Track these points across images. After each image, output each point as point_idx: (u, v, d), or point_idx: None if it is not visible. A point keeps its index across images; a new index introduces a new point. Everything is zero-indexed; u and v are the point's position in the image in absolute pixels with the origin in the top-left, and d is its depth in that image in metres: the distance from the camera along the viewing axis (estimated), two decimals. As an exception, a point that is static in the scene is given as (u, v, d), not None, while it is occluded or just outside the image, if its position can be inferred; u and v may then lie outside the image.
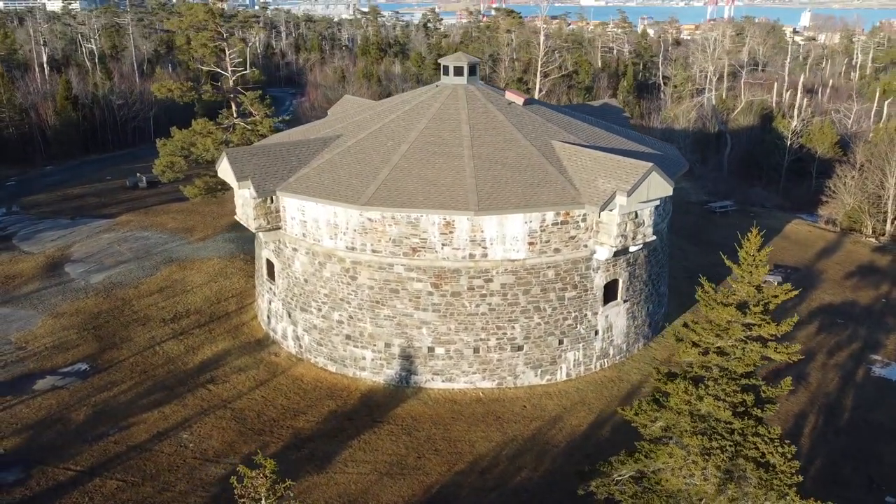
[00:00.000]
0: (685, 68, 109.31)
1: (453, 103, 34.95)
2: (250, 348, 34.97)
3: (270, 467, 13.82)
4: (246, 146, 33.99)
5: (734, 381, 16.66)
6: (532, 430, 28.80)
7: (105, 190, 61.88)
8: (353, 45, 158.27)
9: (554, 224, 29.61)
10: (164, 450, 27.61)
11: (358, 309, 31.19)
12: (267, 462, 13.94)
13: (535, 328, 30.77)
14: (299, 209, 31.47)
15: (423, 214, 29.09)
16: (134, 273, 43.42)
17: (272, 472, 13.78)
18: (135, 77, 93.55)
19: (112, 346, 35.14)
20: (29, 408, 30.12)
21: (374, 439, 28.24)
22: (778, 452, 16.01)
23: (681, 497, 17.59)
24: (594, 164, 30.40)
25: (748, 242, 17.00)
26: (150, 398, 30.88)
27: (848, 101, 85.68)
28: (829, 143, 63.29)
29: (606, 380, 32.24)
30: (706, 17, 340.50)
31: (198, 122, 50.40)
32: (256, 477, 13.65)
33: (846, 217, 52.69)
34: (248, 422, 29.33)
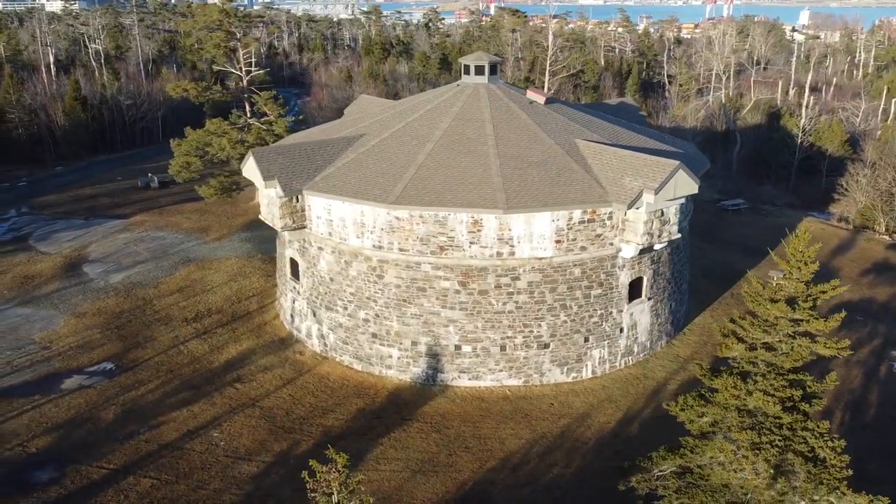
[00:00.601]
0: (689, 67, 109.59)
1: (475, 102, 35.10)
2: (274, 347, 35.09)
3: (342, 461, 13.95)
4: (272, 145, 34.07)
5: (782, 377, 16.83)
6: (561, 427, 28.97)
7: (117, 190, 61.94)
8: (355, 45, 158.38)
9: (581, 222, 29.78)
10: (195, 448, 27.74)
11: (384, 307, 31.32)
12: (339, 456, 14.07)
13: (562, 326, 30.93)
14: (325, 208, 31.59)
15: (451, 213, 29.24)
16: (153, 273, 43.50)
17: (344, 466, 13.91)
18: (141, 77, 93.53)
19: (136, 345, 35.24)
20: (58, 407, 30.22)
21: (405, 437, 28.39)
22: (828, 447, 16.19)
23: (727, 491, 17.75)
24: (620, 162, 30.56)
25: (796, 239, 17.15)
26: (178, 397, 31.00)
27: (853, 99, 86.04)
28: (838, 142, 63.56)
29: (631, 377, 32.42)
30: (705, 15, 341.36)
31: (212, 121, 50.49)
32: (329, 471, 13.79)
33: (859, 215, 52.94)
34: (278, 420, 29.45)
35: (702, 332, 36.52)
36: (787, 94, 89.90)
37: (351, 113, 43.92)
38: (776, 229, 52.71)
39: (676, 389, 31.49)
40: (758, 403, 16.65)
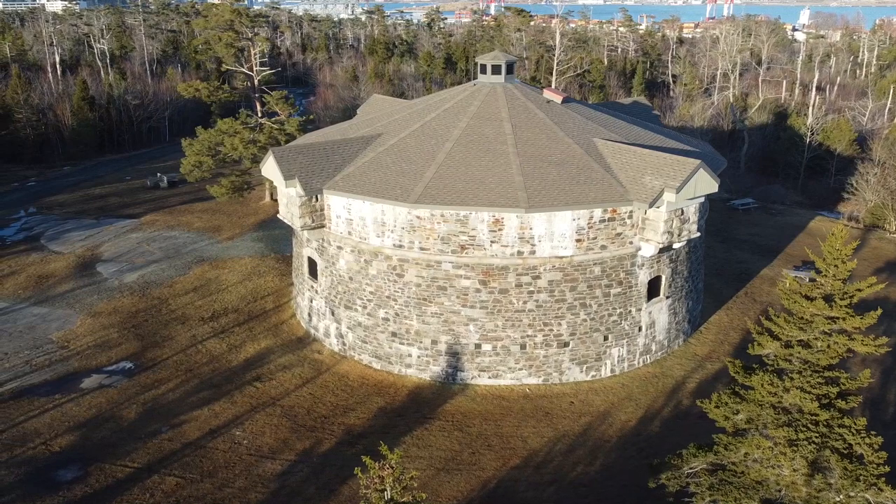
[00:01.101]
0: (693, 67, 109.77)
1: (493, 101, 35.17)
2: (292, 346, 35.14)
3: (396, 458, 14.01)
4: (291, 145, 34.11)
5: (818, 374, 16.91)
6: (582, 425, 29.04)
7: (126, 190, 62.00)
8: (358, 45, 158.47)
9: (601, 221, 29.86)
10: (218, 447, 27.78)
11: (404, 306, 31.39)
12: (394, 454, 14.13)
13: (582, 325, 31.01)
14: (345, 207, 31.65)
15: (473, 212, 29.31)
16: (166, 272, 43.55)
17: (397, 462, 13.97)
18: (147, 77, 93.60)
19: (154, 344, 35.29)
20: (79, 406, 30.27)
21: (427, 435, 28.45)
22: (865, 443, 16.28)
23: (760, 488, 17.83)
24: (640, 161, 30.65)
25: (833, 237, 17.23)
26: (199, 396, 31.05)
27: (858, 98, 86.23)
28: (846, 141, 63.69)
29: (650, 375, 32.50)
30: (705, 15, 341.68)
31: (224, 121, 50.53)
32: (383, 468, 13.86)
33: (869, 213, 53.06)
34: (299, 419, 29.51)
35: (718, 330, 36.62)
36: (792, 94, 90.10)
37: (365, 112, 43.98)
38: (787, 228, 52.98)
39: (695, 388, 31.61)
40: (794, 400, 16.74)
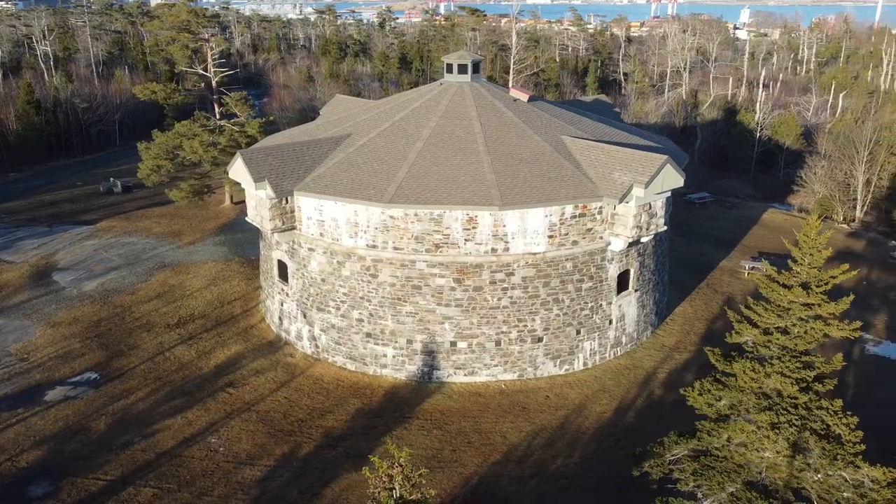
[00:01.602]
0: (643, 65, 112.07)
1: (461, 100, 35.35)
2: (264, 350, 34.71)
3: (405, 456, 14.01)
4: (260, 146, 33.65)
5: (796, 359, 17.55)
6: (559, 418, 29.45)
7: (79, 196, 60.18)
8: (310, 46, 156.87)
9: (572, 217, 30.31)
10: (194, 455, 27.29)
11: (379, 306, 31.32)
12: (403, 452, 14.12)
13: (555, 319, 31.43)
14: (317, 208, 31.41)
15: (447, 211, 29.43)
16: (127, 279, 42.49)
17: (406, 460, 13.96)
18: (94, 79, 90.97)
19: (119, 353, 34.42)
20: (45, 419, 29.35)
21: (407, 435, 28.46)
22: (842, 423, 16.96)
23: (742, 471, 18.41)
24: (608, 157, 31.21)
25: (807, 227, 17.88)
26: (170, 404, 30.42)
27: (801, 94, 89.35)
28: (794, 135, 65.92)
29: (622, 367, 33.13)
30: (650, 14, 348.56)
31: (182, 124, 49.54)
32: (391, 467, 13.82)
33: (818, 205, 55.01)
34: (276, 423, 29.19)
35: (683, 321, 37.54)
36: (738, 91, 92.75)
37: (328, 113, 43.68)
38: (742, 221, 54.58)
39: (666, 378, 32.37)
40: (775, 385, 17.34)
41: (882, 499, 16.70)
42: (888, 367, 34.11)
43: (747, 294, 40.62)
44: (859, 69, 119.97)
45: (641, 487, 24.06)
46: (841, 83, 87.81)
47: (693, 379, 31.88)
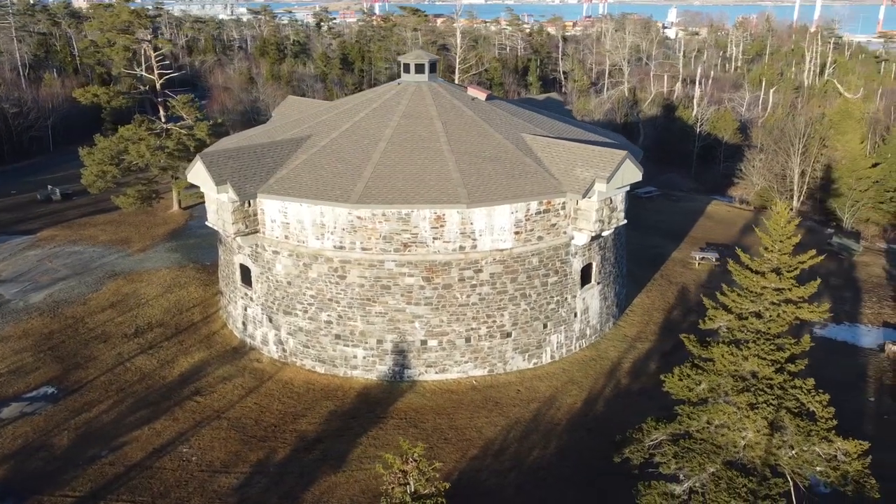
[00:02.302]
0: (581, 63, 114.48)
1: (420, 100, 35.51)
2: (228, 357, 34.10)
3: (419, 452, 14.09)
4: (218, 149, 33.00)
5: (769, 342, 18.44)
6: (532, 411, 29.97)
7: (14, 205, 57.60)
8: (246, 47, 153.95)
9: (537, 213, 30.88)
10: (165, 466, 26.67)
11: (348, 307, 31.22)
12: (416, 448, 14.19)
13: (522, 314, 31.95)
14: (281, 211, 31.08)
15: (414, 210, 29.56)
16: (77, 289, 41.01)
17: (420, 455, 14.05)
18: (21, 83, 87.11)
19: (76, 366, 33.26)
20: (1, 437, 28.16)
21: (382, 434, 28.47)
22: (815, 401, 17.92)
23: (722, 451, 19.23)
24: (569, 154, 31.91)
25: (777, 215, 18.78)
26: (136, 416, 29.61)
27: (731, 90, 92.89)
28: (731, 130, 68.54)
29: (587, 359, 33.92)
30: (582, 14, 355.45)
31: (127, 127, 48.08)
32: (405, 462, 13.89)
33: (757, 196, 57.38)
34: (248, 429, 28.77)
35: (642, 311, 38.66)
36: (674, 88, 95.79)
37: (282, 115, 43.16)
38: (688, 213, 56.46)
39: (630, 367, 33.32)
40: (752, 367, 18.19)
41: (853, 470, 17.72)
42: (833, 348, 35.93)
43: (700, 284, 42.23)
44: (782, 66, 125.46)
45: (617, 474, 24.85)
46: (770, 80, 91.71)
47: (656, 367, 33.15)
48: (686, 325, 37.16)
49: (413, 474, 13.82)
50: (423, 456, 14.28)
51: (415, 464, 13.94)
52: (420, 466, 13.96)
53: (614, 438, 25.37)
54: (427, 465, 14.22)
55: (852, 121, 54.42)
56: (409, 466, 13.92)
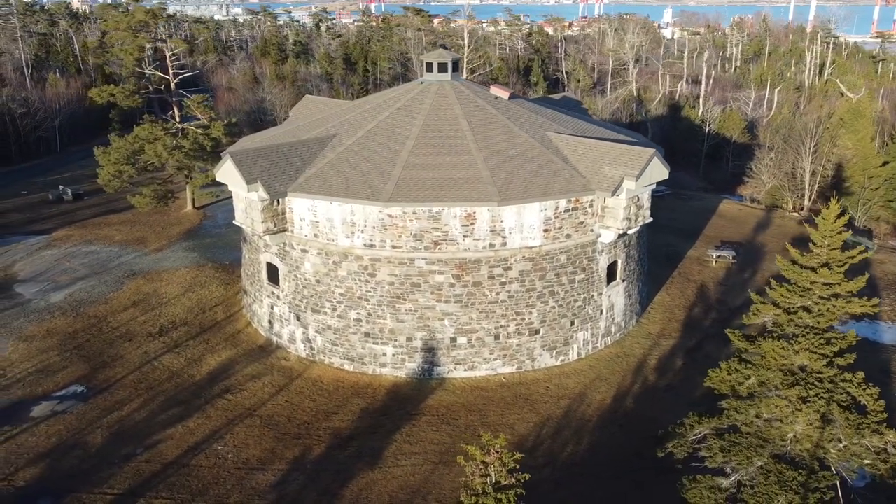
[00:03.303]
0: (583, 63, 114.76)
1: (444, 99, 35.64)
2: (255, 355, 34.17)
3: (501, 443, 14.22)
4: (247, 148, 33.00)
5: (818, 336, 18.66)
6: (562, 408, 30.14)
7: (26, 205, 57.50)
8: (246, 47, 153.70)
9: (566, 211, 31.06)
10: (201, 464, 26.73)
11: (377, 305, 31.32)
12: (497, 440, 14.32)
13: (551, 312, 32.12)
14: (310, 209, 31.16)
15: (445, 208, 29.69)
16: (97, 289, 40.99)
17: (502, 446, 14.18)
18: (26, 83, 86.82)
19: (103, 364, 33.27)
20: (35, 436, 28.17)
21: (416, 431, 28.60)
22: (866, 394, 18.15)
23: (769, 445, 19.43)
24: (596, 152, 32.10)
25: (827, 211, 18.99)
26: (168, 414, 29.66)
27: (732, 90, 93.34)
28: (739, 129, 68.90)
29: (613, 356, 34.12)
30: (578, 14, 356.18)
31: (143, 127, 48.04)
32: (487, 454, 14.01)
33: (768, 195, 57.71)
34: (282, 427, 28.84)
35: (664, 309, 38.88)
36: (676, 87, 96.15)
37: (301, 115, 43.22)
38: (700, 212, 56.73)
39: (657, 364, 33.52)
40: (803, 361, 18.40)
41: (903, 462, 17.94)
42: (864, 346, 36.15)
43: (718, 282, 42.51)
44: (781, 66, 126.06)
45: (650, 470, 25.12)
46: (774, 79, 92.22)
47: (682, 364, 33.41)
48: (708, 322, 37.46)
49: (495, 466, 13.99)
50: (504, 448, 14.42)
51: (497, 455, 14.10)
52: (503, 458, 14.11)
53: (646, 434, 25.77)
54: (509, 456, 14.37)
55: (863, 119, 54.83)
56: (492, 458, 14.07)
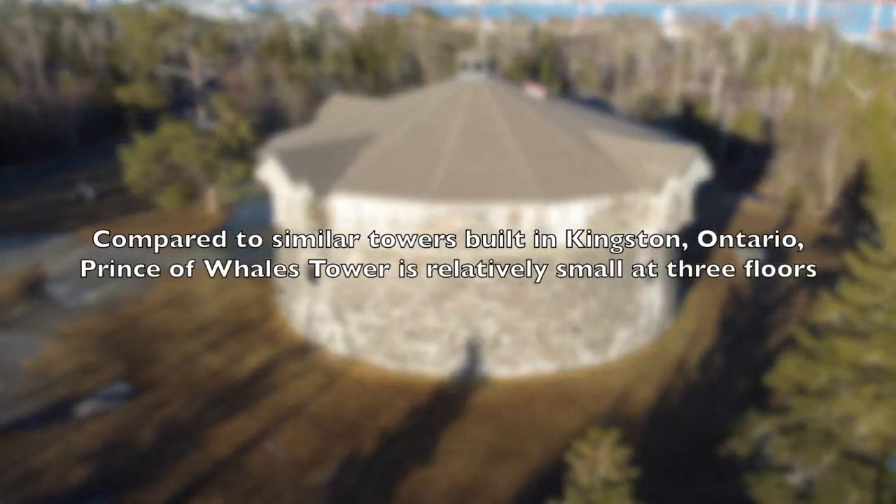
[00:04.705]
0: (592, 63, 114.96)
1: (481, 98, 35.70)
2: (295, 354, 34.19)
3: (613, 439, 14.30)
4: (292, 147, 33.00)
5: (890, 333, 18.75)
6: (607, 406, 30.23)
7: (48, 204, 57.30)
8: (251, 47, 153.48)
9: (609, 209, 31.13)
10: (253, 462, 26.76)
11: (421, 304, 31.37)
12: (609, 435, 14.40)
13: (592, 310, 32.20)
14: (354, 208, 31.17)
15: (491, 206, 29.74)
16: (129, 288, 40.97)
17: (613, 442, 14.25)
18: (41, 83, 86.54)
19: (143, 363, 33.28)
20: (83, 435, 28.18)
21: (463, 429, 28.66)
22: (941, 391, 18.24)
23: (837, 442, 19.52)
24: (637, 151, 32.20)
25: None
26: (214, 412, 29.68)
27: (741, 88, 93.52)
28: (756, 128, 69.07)
29: (652, 354, 34.21)
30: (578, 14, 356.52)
31: (169, 126, 48.02)
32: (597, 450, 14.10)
33: (789, 193, 57.85)
34: (329, 426, 28.88)
35: (697, 307, 38.97)
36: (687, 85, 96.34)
37: (331, 115, 43.19)
38: (722, 211, 56.86)
39: (697, 361, 33.63)
40: (877, 359, 18.50)
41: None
42: None
43: (747, 280, 42.59)
44: (788, 65, 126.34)
45: (702, 468, 25.24)
46: (787, 78, 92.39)
47: (722, 362, 33.52)
48: (743, 320, 37.58)
49: (605, 462, 14.08)
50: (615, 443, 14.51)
51: (607, 451, 14.18)
52: (613, 454, 14.20)
53: (694, 432, 25.91)
54: (620, 452, 14.45)
55: (885, 118, 54.97)
56: (602, 454, 14.16)
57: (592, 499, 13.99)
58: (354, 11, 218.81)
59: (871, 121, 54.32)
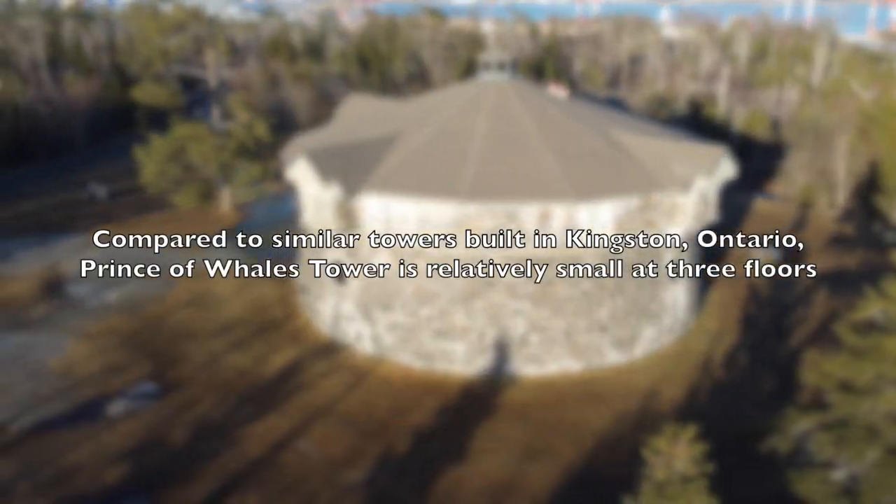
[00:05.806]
0: (596, 64, 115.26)
1: (505, 98, 35.82)
2: (321, 353, 34.25)
3: (690, 434, 14.40)
4: (322, 147, 33.05)
5: (935, 331, 18.97)
6: (636, 404, 30.36)
7: (61, 204, 57.20)
8: (253, 46, 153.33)
9: (637, 209, 31.28)
10: (287, 461, 26.83)
11: (450, 303, 31.47)
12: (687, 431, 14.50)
13: (619, 309, 32.35)
14: (383, 207, 31.25)
15: (520, 205, 29.86)
16: (149, 288, 40.97)
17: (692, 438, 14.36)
18: (48, 83, 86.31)
19: (169, 363, 33.31)
20: (114, 434, 28.19)
21: (495, 428, 28.77)
22: None
23: (881, 438, 19.69)
24: (664, 150, 32.36)
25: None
26: (244, 411, 29.73)
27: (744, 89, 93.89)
28: (765, 127, 69.37)
29: (677, 353, 34.37)
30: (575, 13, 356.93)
31: (184, 126, 48.00)
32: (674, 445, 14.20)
33: (800, 193, 58.11)
34: (360, 425, 28.96)
35: (718, 306, 39.14)
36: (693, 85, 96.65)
37: (350, 115, 43.24)
38: (734, 210, 56.92)
39: (722, 360, 33.81)
40: (922, 355, 18.71)
41: None
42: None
43: (766, 279, 42.79)
44: (789, 65, 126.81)
45: (736, 466, 25.38)
46: (792, 78, 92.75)
47: (746, 360, 33.71)
48: (764, 318, 37.76)
49: (681, 457, 14.20)
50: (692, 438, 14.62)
51: (684, 446, 14.30)
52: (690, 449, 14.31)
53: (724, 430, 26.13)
54: (697, 447, 14.57)
55: None
56: (679, 449, 14.27)
57: (669, 494, 14.11)
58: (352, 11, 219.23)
59: (882, 120, 54.63)
